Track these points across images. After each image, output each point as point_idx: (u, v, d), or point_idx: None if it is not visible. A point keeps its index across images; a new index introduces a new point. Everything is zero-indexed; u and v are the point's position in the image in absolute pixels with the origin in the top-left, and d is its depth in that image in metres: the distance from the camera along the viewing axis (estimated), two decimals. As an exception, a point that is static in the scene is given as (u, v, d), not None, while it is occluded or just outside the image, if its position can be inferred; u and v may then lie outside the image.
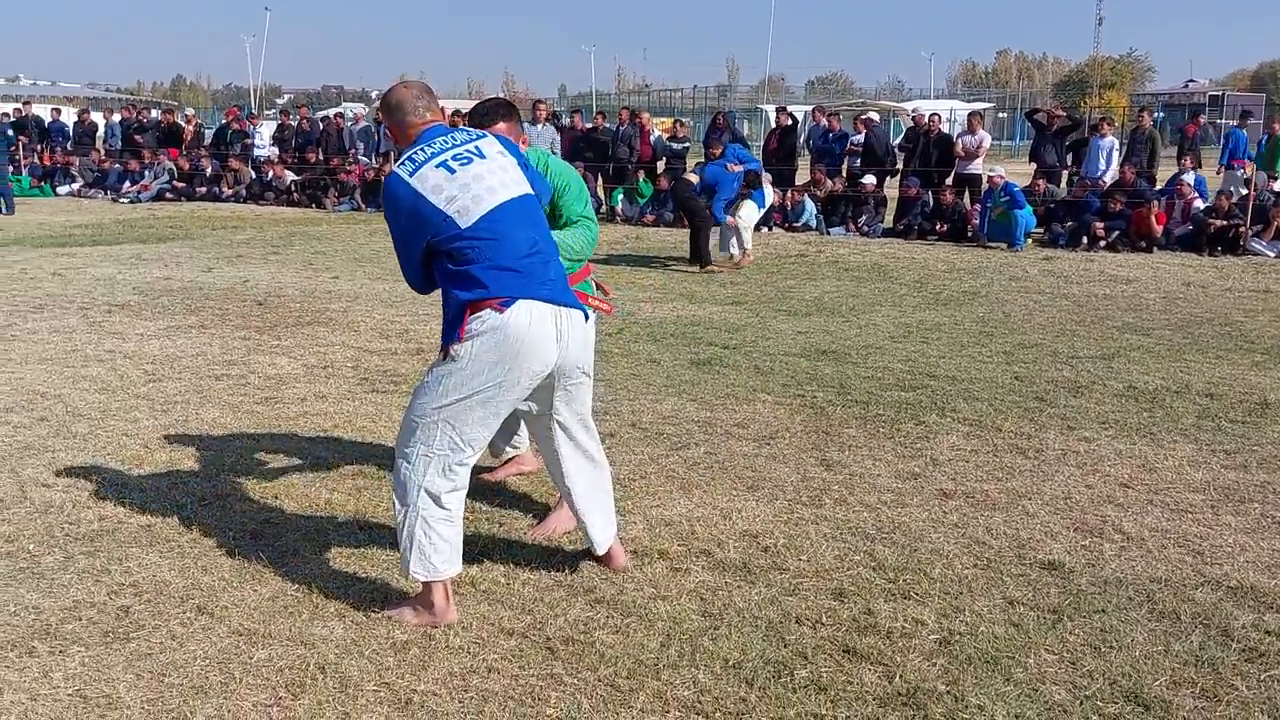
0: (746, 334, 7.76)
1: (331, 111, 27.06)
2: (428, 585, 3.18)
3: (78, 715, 2.66)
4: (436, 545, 3.14)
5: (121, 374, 6.19)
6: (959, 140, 15.37)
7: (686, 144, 17.91)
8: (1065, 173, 15.35)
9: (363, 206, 17.45)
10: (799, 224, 15.13)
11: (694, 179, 11.88)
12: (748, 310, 8.83)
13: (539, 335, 3.08)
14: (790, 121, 16.83)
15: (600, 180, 17.15)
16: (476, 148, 3.19)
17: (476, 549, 3.70)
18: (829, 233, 14.70)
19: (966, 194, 14.82)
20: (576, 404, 3.42)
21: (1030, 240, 13.55)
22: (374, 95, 78.45)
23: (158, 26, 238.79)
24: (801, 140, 18.91)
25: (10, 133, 21.49)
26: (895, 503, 4.30)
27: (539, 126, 16.08)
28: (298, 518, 4.02)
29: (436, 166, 3.09)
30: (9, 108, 24.52)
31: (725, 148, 12.01)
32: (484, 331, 3.03)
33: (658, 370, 6.52)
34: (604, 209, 16.61)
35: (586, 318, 3.32)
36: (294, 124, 20.62)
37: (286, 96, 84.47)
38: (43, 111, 23.31)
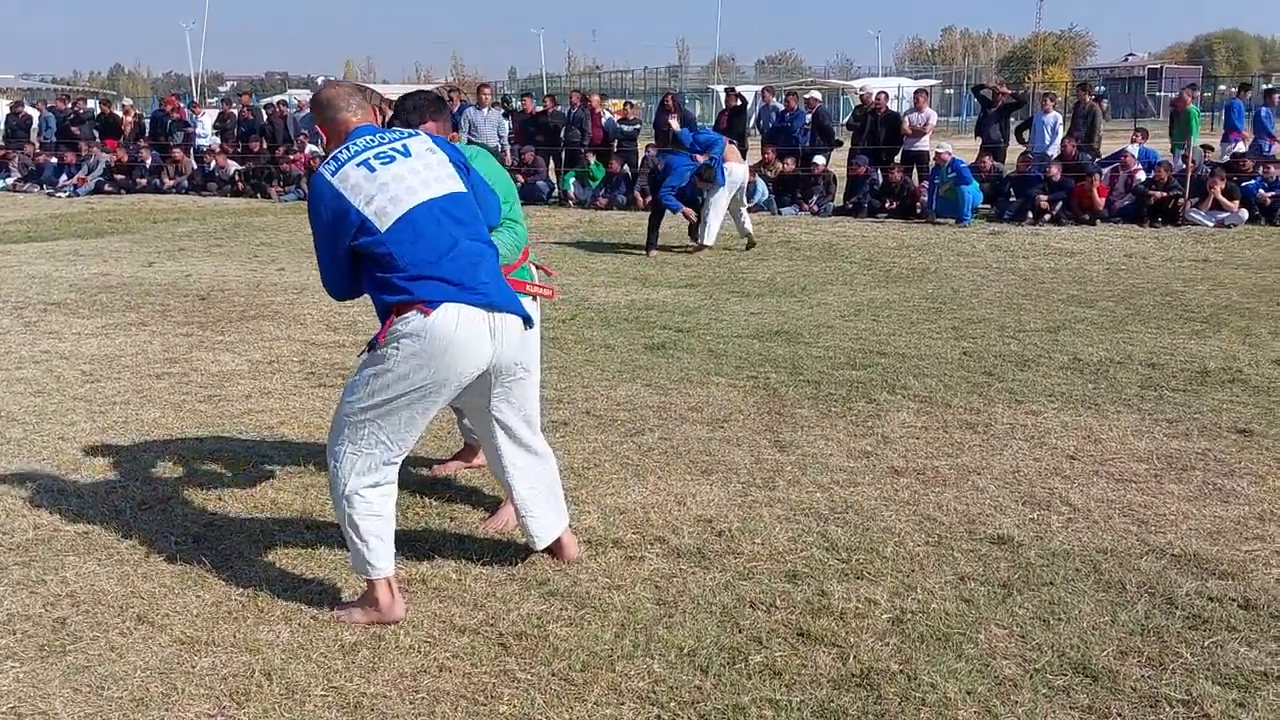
0: (700, 317, 7.74)
1: (275, 99, 26.59)
2: (371, 582, 3.14)
3: (12, 733, 2.59)
4: (369, 543, 3.10)
5: (58, 375, 6.04)
6: (906, 118, 15.44)
7: (637, 126, 17.82)
8: (1016, 148, 15.49)
9: (308, 195, 17.18)
10: (751, 204, 15.08)
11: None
12: (701, 293, 8.82)
13: (467, 337, 3.01)
14: (740, 102, 16.80)
15: (552, 164, 17.05)
16: (403, 145, 3.10)
17: (427, 545, 3.65)
18: (780, 212, 14.71)
19: (914, 171, 14.91)
20: (518, 401, 3.36)
21: (977, 215, 13.66)
22: (319, 81, 77.22)
23: (93, 14, 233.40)
24: (751, 122, 18.89)
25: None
26: (847, 482, 4.31)
27: (485, 111, 15.93)
28: (242, 519, 3.94)
29: (358, 165, 3.02)
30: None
31: (681, 135, 11.80)
32: (409, 334, 2.96)
33: (611, 356, 6.48)
34: (556, 193, 16.51)
35: (528, 323, 3.23)
36: (235, 112, 20.24)
37: (230, 84, 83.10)
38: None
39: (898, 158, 15.13)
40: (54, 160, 19.56)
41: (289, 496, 4.15)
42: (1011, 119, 15.66)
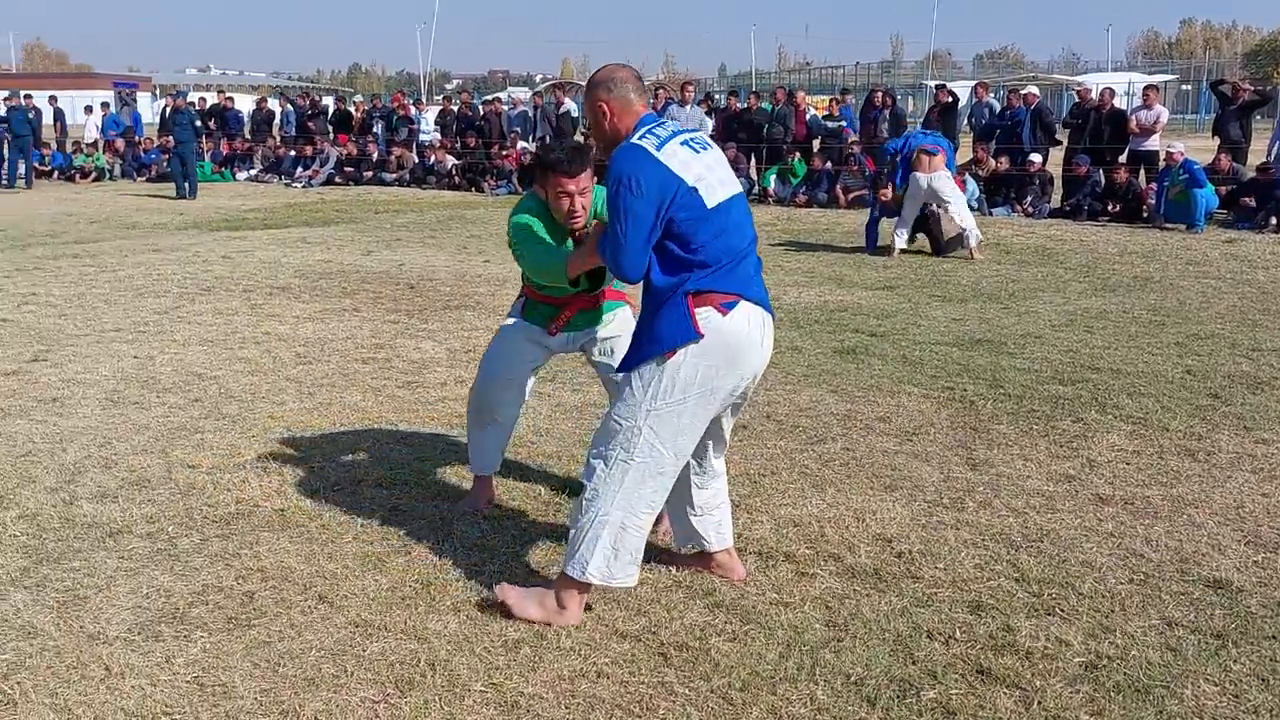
0: (896, 321, 7.47)
1: (490, 97, 27.58)
2: (572, 585, 3.06)
3: (192, 704, 2.71)
4: (620, 554, 3.03)
5: (275, 356, 6.41)
6: (1133, 115, 14.45)
7: (843, 123, 17.44)
8: (1259, 149, 14.25)
9: (519, 190, 17.71)
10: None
11: None
12: (899, 296, 8.51)
13: (754, 341, 3.00)
14: (951, 99, 16.18)
15: (753, 160, 16.94)
16: (705, 139, 3.10)
17: (597, 545, 3.63)
18: (991, 213, 14.05)
19: (1141, 172, 13.94)
20: (737, 413, 3.30)
21: (1212, 221, 12.63)
22: (538, 79, 79.89)
23: (337, 16, 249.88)
24: (964, 119, 18.17)
25: (199, 122, 22.77)
26: (1045, 508, 4.02)
27: (687, 108, 15.96)
28: (426, 505, 4.04)
29: (681, 144, 2.97)
30: (195, 96, 25.92)
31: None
32: (704, 333, 2.93)
33: (798, 359, 6.33)
34: (755, 190, 16.39)
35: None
36: (455, 109, 21.10)
37: (455, 81, 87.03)
38: (211, 98, 24.61)
39: (1123, 157, 14.19)
40: (292, 153, 20.94)
41: (470, 486, 4.22)
42: (1255, 117, 14.38)
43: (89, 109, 24.31)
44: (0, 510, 3.93)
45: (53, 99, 24.31)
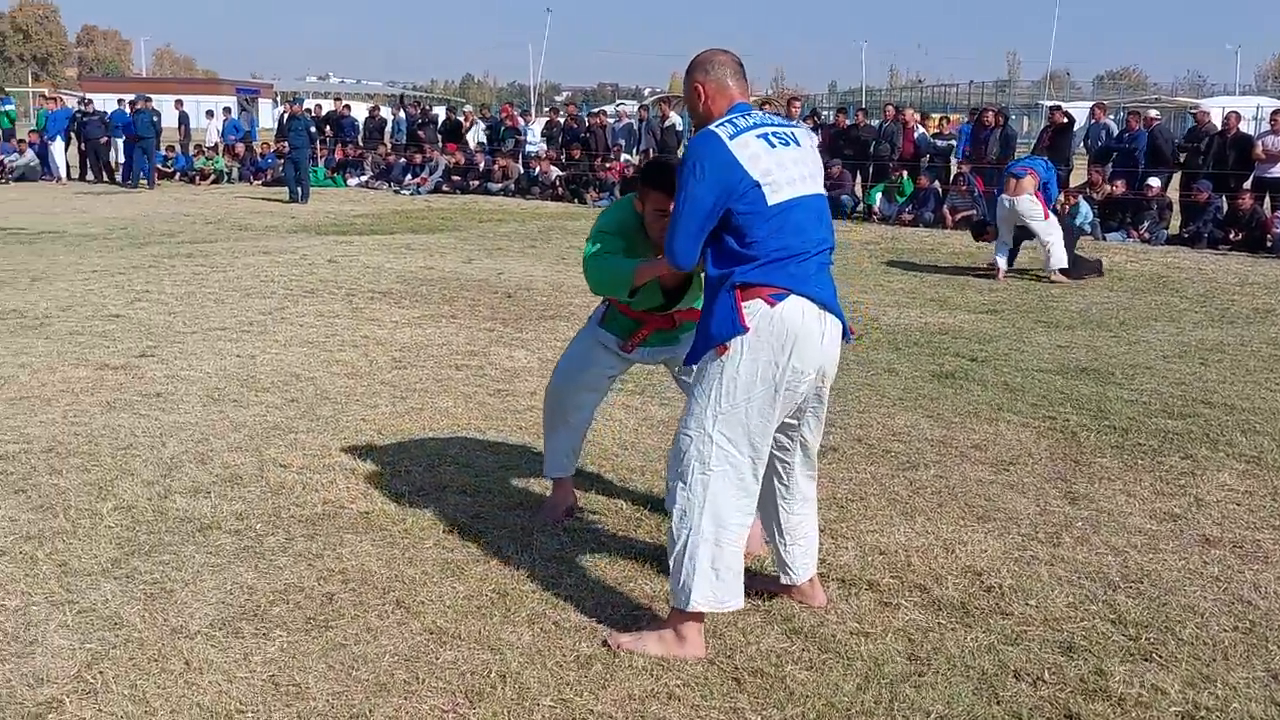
0: (999, 346, 7.26)
1: (595, 109, 27.83)
2: (686, 616, 2.99)
3: (266, 702, 2.74)
4: (722, 574, 2.96)
5: (371, 359, 6.52)
6: (1260, 141, 13.83)
7: (952, 141, 17.10)
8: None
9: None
10: (1072, 228, 14.07)
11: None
12: (1003, 320, 8.28)
13: (810, 332, 2.93)
14: (1066, 120, 15.72)
15: (859, 178, 16.72)
16: (794, 134, 3.07)
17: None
18: (1105, 238, 13.61)
19: (1267, 200, 13.33)
20: (819, 419, 3.21)
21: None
22: (646, 93, 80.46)
23: (454, 28, 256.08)
24: (1080, 140, 17.66)
25: (314, 128, 23.49)
26: (1147, 547, 3.84)
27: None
28: (507, 514, 4.05)
29: (758, 136, 2.95)
30: (312, 103, 26.69)
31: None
32: (754, 326, 2.89)
33: (894, 381, 6.19)
34: (860, 207, 16.18)
35: (845, 334, 3.11)
36: (561, 121, 21.32)
37: (565, 94, 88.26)
38: (328, 105, 25.33)
39: (1247, 184, 13.60)
40: (402, 161, 21.42)
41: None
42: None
43: (210, 114, 25.27)
44: (99, 501, 4.07)
45: (178, 103, 25.31)
